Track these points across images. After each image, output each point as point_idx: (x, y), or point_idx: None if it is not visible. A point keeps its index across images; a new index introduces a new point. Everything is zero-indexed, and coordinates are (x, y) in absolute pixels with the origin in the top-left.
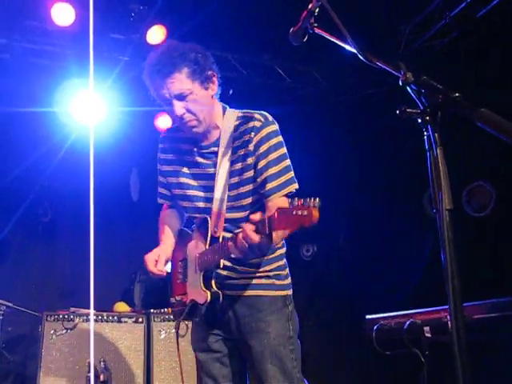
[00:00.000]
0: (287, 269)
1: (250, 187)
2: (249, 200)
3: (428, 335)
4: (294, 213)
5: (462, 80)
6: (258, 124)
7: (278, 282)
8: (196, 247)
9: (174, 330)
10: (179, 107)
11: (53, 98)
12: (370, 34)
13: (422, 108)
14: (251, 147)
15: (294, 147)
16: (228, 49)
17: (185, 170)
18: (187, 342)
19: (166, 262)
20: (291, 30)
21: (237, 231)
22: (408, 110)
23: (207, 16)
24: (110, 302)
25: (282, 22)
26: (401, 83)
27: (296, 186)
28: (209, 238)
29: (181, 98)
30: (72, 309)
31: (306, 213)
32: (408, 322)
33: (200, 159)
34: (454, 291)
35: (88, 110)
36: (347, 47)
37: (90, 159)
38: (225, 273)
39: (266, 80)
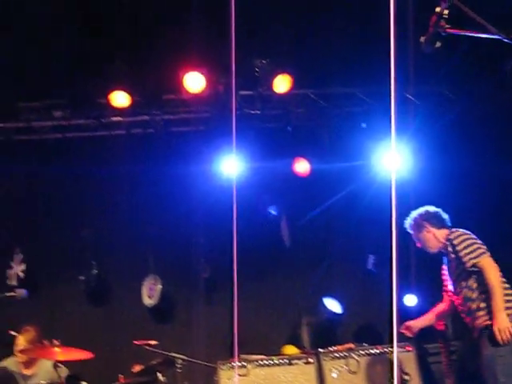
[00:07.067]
0: None
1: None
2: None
3: None
4: None
5: None
6: None
7: None
8: None
9: (345, 368)
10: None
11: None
12: None
13: None
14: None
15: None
16: (352, 84)
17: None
18: (360, 379)
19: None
20: (421, 38)
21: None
22: None
23: (327, 58)
24: (277, 347)
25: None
26: None
27: None
28: None
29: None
30: (242, 356)
31: None
32: None
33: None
34: None
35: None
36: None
37: (233, 212)
38: None
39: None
